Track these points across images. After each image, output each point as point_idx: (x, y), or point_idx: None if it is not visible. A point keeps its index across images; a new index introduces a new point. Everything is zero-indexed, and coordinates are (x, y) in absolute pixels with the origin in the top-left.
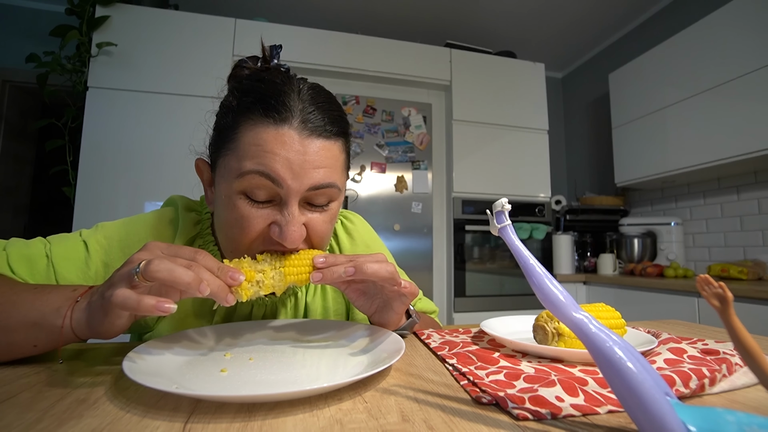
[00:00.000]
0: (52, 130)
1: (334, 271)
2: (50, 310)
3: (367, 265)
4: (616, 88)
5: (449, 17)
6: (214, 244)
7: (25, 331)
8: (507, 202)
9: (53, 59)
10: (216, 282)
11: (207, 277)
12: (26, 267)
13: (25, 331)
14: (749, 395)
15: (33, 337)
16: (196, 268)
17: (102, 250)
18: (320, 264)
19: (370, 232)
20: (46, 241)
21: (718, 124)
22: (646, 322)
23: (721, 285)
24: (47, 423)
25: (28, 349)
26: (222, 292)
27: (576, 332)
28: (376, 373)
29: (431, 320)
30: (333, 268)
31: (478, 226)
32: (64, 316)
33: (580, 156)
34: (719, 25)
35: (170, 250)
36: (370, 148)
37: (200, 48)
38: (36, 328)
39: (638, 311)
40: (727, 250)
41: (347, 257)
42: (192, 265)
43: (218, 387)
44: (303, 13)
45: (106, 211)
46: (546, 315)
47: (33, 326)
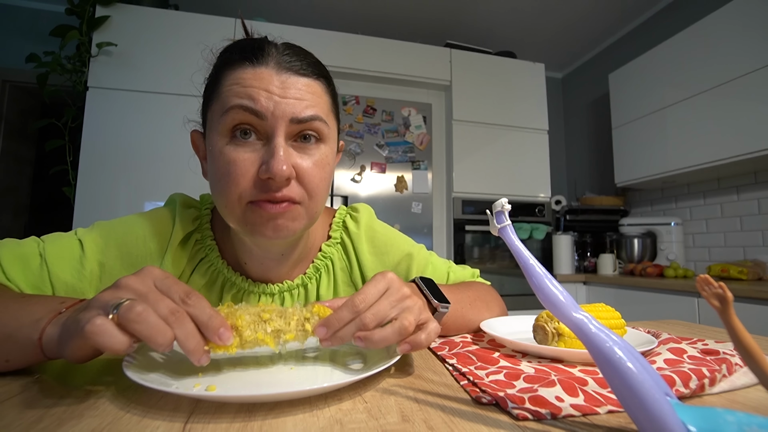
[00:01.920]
0: (52, 130)
1: (341, 337)
2: (29, 321)
3: (374, 338)
4: (616, 88)
5: (449, 17)
6: (212, 239)
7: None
8: (507, 202)
9: (53, 59)
10: (193, 342)
11: (182, 335)
12: (19, 267)
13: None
14: (749, 395)
15: (5, 350)
16: (177, 320)
17: (98, 249)
18: (322, 336)
19: (372, 217)
20: (40, 240)
21: (718, 124)
22: (646, 322)
23: (721, 285)
24: (47, 423)
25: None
26: (196, 353)
27: (576, 332)
28: (376, 373)
29: (480, 288)
30: (338, 335)
31: (478, 226)
32: (42, 329)
33: (580, 156)
34: (719, 25)
35: (163, 285)
36: (370, 148)
37: (200, 48)
38: (10, 340)
39: (638, 311)
40: (727, 250)
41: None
42: (175, 312)
43: (218, 387)
44: (303, 13)
45: (106, 211)
46: (546, 315)
47: (7, 338)
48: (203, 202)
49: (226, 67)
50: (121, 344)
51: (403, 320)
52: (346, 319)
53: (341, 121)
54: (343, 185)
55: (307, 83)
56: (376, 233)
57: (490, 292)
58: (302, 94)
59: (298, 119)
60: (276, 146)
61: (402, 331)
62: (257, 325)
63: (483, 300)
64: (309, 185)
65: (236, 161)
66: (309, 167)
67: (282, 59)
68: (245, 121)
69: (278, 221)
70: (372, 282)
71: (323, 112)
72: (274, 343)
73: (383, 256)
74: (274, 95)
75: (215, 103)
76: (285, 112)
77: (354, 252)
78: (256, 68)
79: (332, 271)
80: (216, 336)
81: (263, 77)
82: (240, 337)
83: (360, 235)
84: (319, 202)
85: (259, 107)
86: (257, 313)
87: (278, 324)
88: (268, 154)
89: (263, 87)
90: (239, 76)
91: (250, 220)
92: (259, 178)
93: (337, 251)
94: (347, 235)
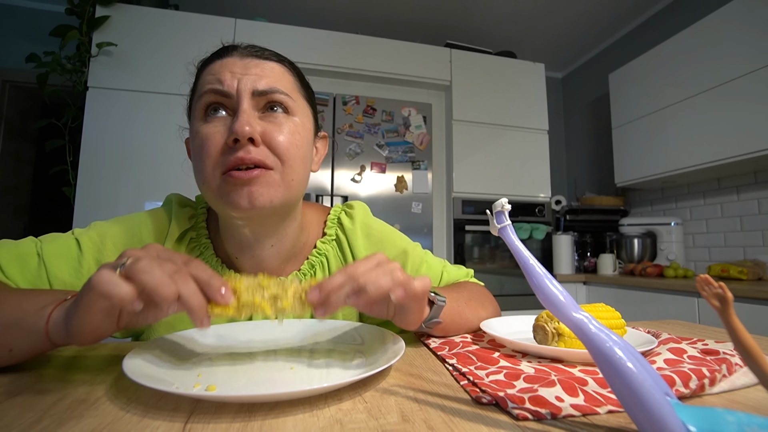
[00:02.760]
0: (52, 130)
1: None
2: (35, 309)
3: (367, 280)
4: (616, 88)
5: (449, 17)
6: (206, 237)
7: (3, 333)
8: (507, 202)
9: (53, 59)
10: (196, 300)
11: (186, 293)
12: (17, 266)
13: (4, 333)
14: (749, 395)
15: (10, 339)
16: (181, 277)
17: (95, 248)
18: (315, 299)
19: (367, 214)
20: (38, 240)
21: (718, 124)
22: (646, 322)
23: (721, 285)
24: (47, 423)
25: (2, 354)
26: (200, 313)
27: (576, 332)
28: (376, 373)
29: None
30: (332, 298)
31: (478, 226)
32: (48, 316)
33: (580, 156)
34: (719, 25)
35: (165, 254)
36: (370, 148)
37: (200, 48)
38: (15, 328)
39: (638, 311)
40: (727, 250)
41: (343, 276)
42: (178, 271)
43: (218, 387)
44: (303, 13)
45: (106, 211)
46: (546, 315)
47: (13, 326)
48: (199, 202)
49: (202, 68)
50: (128, 293)
51: (396, 271)
52: (339, 282)
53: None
54: (343, 185)
55: (269, 65)
56: (372, 229)
57: (484, 293)
58: (264, 72)
59: (258, 91)
60: (240, 112)
61: (395, 278)
62: (255, 290)
63: (477, 299)
64: (278, 149)
65: (208, 135)
66: (276, 131)
67: (245, 51)
68: (214, 101)
69: (252, 188)
70: (364, 258)
71: (286, 88)
72: (270, 309)
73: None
74: (237, 74)
75: (194, 97)
76: (246, 86)
77: (349, 248)
78: (223, 59)
79: (327, 268)
80: (218, 294)
81: (228, 64)
82: (238, 301)
83: (355, 231)
84: (294, 170)
85: (225, 86)
86: (257, 281)
87: (276, 291)
88: (233, 120)
89: (228, 69)
90: (210, 69)
91: (225, 190)
92: (227, 144)
93: (332, 248)
94: (342, 231)
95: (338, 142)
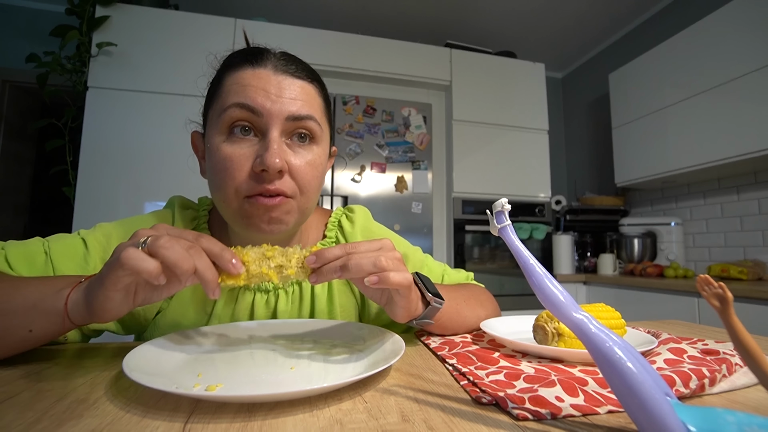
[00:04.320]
0: (52, 130)
1: (327, 269)
2: (52, 291)
3: (352, 261)
4: (616, 88)
5: (449, 17)
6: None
7: (23, 314)
8: (507, 202)
9: (53, 59)
10: (210, 273)
11: (201, 266)
12: (25, 264)
13: (24, 314)
14: (749, 395)
15: (29, 320)
16: (196, 252)
17: (101, 248)
18: (312, 263)
19: (368, 218)
20: (44, 240)
21: (718, 124)
22: (646, 322)
23: (721, 285)
24: (47, 423)
25: (23, 335)
26: (212, 283)
27: (576, 332)
28: (376, 373)
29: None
30: (326, 266)
31: (478, 226)
32: (67, 297)
33: (580, 156)
34: (719, 25)
35: (175, 231)
36: (370, 148)
37: (200, 48)
38: (34, 310)
39: (638, 311)
40: (727, 250)
41: (341, 250)
42: (192, 247)
43: (218, 387)
44: (303, 13)
45: (106, 211)
46: (546, 315)
47: (32, 308)
48: (201, 204)
49: (228, 69)
50: (155, 267)
51: (381, 257)
52: (336, 254)
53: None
54: (343, 185)
55: (302, 85)
56: (372, 233)
57: (484, 293)
58: (297, 95)
59: (293, 117)
60: (271, 140)
61: (377, 263)
62: (261, 261)
63: (477, 299)
64: (301, 181)
65: (233, 156)
66: (301, 164)
67: (279, 63)
68: (243, 118)
69: (273, 214)
70: (368, 240)
71: (316, 113)
72: (277, 278)
73: None
74: (271, 94)
75: (216, 102)
76: (281, 110)
77: None
78: (255, 69)
79: None
80: (230, 264)
81: (261, 77)
82: (247, 272)
83: (355, 235)
84: (310, 199)
85: (257, 105)
86: (261, 252)
87: (280, 260)
88: (263, 148)
89: (261, 86)
90: (239, 76)
91: (246, 213)
92: (254, 171)
93: None
94: (342, 234)
95: (338, 142)
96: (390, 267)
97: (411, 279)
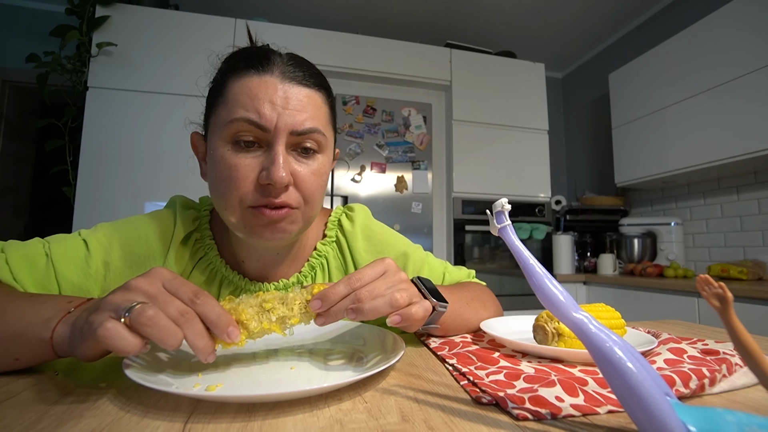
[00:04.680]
0: (52, 130)
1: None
2: (40, 320)
3: (366, 306)
4: (616, 88)
5: (449, 17)
6: (211, 238)
7: (8, 343)
8: (507, 202)
9: (53, 59)
10: (202, 342)
11: (192, 336)
12: (25, 267)
13: (9, 343)
14: (749, 395)
15: (15, 349)
16: (187, 321)
17: (102, 249)
18: (318, 309)
19: (368, 217)
20: (45, 241)
21: (718, 124)
22: (646, 322)
23: (721, 285)
24: (47, 423)
25: (8, 363)
26: (205, 352)
27: (576, 332)
28: (376, 373)
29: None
30: (333, 308)
31: (478, 226)
32: (53, 329)
33: (580, 156)
34: (719, 25)
35: (172, 285)
36: (370, 148)
37: (200, 48)
38: (20, 339)
39: (638, 311)
40: (727, 250)
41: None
42: (185, 313)
43: (218, 387)
44: (303, 13)
45: (106, 211)
46: (546, 315)
47: (18, 337)
48: (202, 203)
49: (232, 74)
50: (134, 347)
51: (395, 293)
52: (342, 294)
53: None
54: (343, 185)
55: (308, 94)
56: (372, 232)
57: (486, 292)
58: (303, 106)
59: (298, 132)
60: (276, 154)
61: (393, 303)
62: (261, 315)
63: (480, 299)
64: (306, 192)
65: (238, 166)
66: (306, 175)
67: (286, 69)
68: (249, 131)
69: (277, 225)
70: (370, 264)
71: (322, 124)
72: (280, 330)
73: (379, 254)
74: (277, 106)
75: (220, 108)
76: (287, 124)
77: (349, 250)
78: (261, 76)
79: (327, 270)
80: (225, 334)
81: (268, 87)
82: (247, 330)
83: (355, 234)
84: (314, 208)
85: (264, 122)
86: (259, 304)
87: (282, 311)
88: (269, 161)
89: (267, 98)
90: (245, 84)
91: (250, 223)
92: (259, 183)
93: (332, 249)
94: (342, 233)
95: (338, 142)
96: (406, 302)
97: (429, 307)
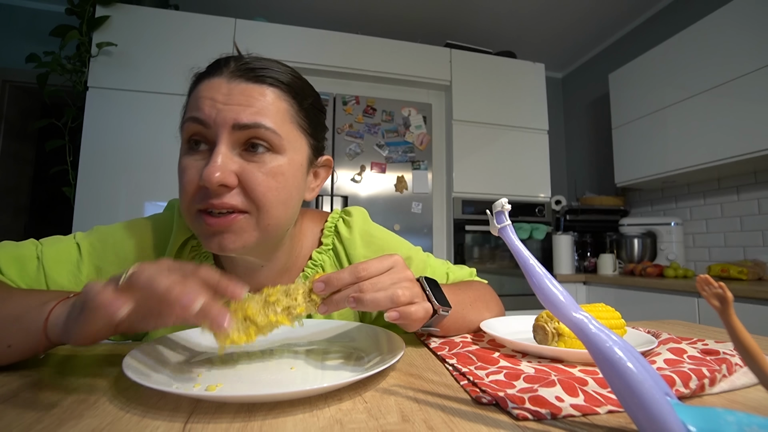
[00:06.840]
0: (52, 130)
1: (338, 298)
2: (38, 303)
3: (367, 297)
4: (616, 88)
5: (449, 17)
6: None
7: (3, 327)
8: (507, 202)
9: (53, 59)
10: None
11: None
12: (16, 268)
13: (4, 327)
14: (749, 395)
15: (10, 334)
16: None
17: (95, 254)
18: (321, 291)
19: (366, 221)
20: (38, 243)
21: (718, 124)
22: (646, 322)
23: (721, 285)
24: (47, 423)
25: (1, 349)
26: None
27: (576, 332)
28: (376, 373)
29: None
30: (336, 296)
31: (478, 226)
32: (50, 310)
33: (580, 156)
34: (719, 25)
35: (173, 265)
36: (370, 148)
37: (200, 48)
38: (17, 323)
39: (638, 311)
40: (727, 250)
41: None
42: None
43: (218, 387)
44: (303, 13)
45: (106, 211)
46: (546, 315)
47: (14, 321)
48: None
49: (196, 81)
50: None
51: (398, 290)
52: (346, 281)
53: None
54: (343, 185)
55: (258, 89)
56: (373, 237)
57: (489, 292)
58: (249, 101)
59: (239, 125)
60: (214, 153)
61: (394, 299)
62: (267, 309)
63: (483, 300)
64: (255, 195)
65: (186, 168)
66: (256, 176)
67: (237, 68)
68: (196, 132)
69: (223, 236)
70: (378, 258)
71: (274, 121)
72: (289, 321)
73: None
74: (218, 102)
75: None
76: (226, 119)
77: (347, 259)
78: (211, 79)
79: None
80: (230, 290)
81: (213, 87)
82: (255, 325)
83: (353, 241)
84: (272, 215)
85: (202, 116)
86: (263, 299)
87: (286, 302)
88: (208, 161)
89: (210, 96)
90: (198, 89)
91: (198, 230)
92: (199, 185)
93: (329, 258)
94: (339, 241)
95: (338, 142)
96: (407, 300)
97: (430, 309)
